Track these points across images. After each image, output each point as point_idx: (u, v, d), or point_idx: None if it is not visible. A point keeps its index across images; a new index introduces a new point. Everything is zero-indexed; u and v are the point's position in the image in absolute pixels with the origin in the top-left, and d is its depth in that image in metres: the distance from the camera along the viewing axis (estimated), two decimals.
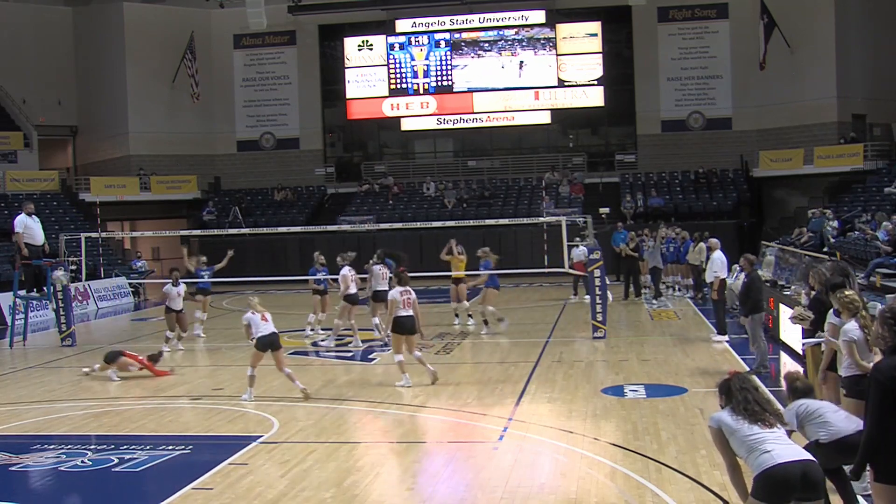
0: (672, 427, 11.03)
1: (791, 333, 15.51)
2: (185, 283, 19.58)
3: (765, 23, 37.14)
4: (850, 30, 37.33)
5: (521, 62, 41.12)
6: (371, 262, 19.59)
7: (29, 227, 20.19)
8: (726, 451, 6.17)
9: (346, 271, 18.48)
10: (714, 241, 19.00)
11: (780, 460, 5.81)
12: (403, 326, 13.98)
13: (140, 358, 16.01)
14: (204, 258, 21.91)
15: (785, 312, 16.15)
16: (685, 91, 40.51)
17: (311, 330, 20.44)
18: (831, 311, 9.17)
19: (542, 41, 41.00)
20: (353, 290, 18.53)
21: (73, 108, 43.49)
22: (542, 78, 40.99)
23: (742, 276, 16.14)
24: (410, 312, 13.98)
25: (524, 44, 41.15)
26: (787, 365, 14.65)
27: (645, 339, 18.70)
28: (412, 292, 14.20)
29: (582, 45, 40.75)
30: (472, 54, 41.57)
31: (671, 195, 38.17)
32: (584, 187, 39.32)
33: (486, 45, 41.47)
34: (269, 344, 13.26)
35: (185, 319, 19.21)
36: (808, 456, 5.96)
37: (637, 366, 15.49)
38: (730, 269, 19.52)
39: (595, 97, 40.85)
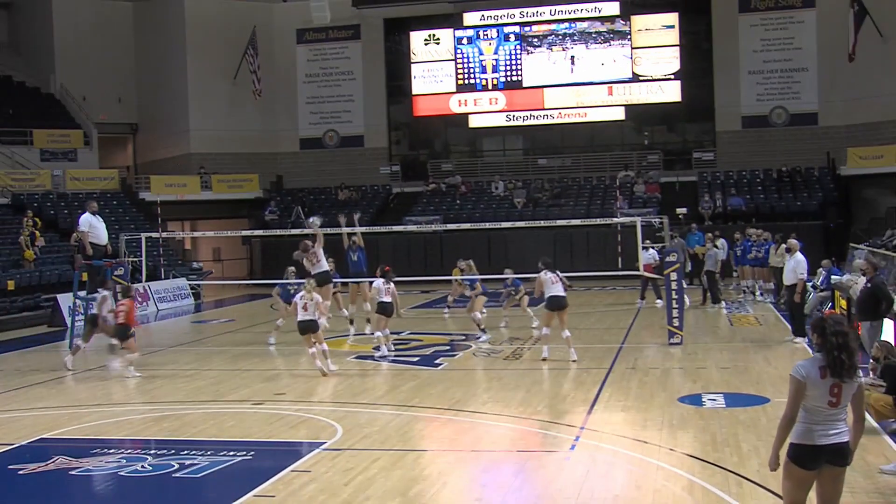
0: (753, 438, 10.89)
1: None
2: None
3: (855, 11, 36.33)
4: None
5: (594, 56, 40.86)
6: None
7: (94, 227, 20.50)
8: (796, 404, 6.64)
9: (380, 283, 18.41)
10: (793, 242, 18.67)
11: (819, 442, 6.57)
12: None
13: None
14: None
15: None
16: (768, 85, 39.91)
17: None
18: None
19: (616, 34, 40.73)
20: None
21: (133, 106, 44.40)
22: (615, 72, 40.72)
23: (863, 280, 15.78)
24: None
25: (597, 37, 40.92)
26: None
27: (724, 345, 18.52)
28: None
29: (658, 37, 40.42)
30: (543, 48, 41.45)
31: (752, 195, 37.63)
32: (661, 186, 38.99)
33: (558, 38, 41.30)
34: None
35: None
36: (847, 437, 6.63)
37: (716, 373, 15.33)
38: (811, 272, 19.20)
39: (672, 92, 40.47)
